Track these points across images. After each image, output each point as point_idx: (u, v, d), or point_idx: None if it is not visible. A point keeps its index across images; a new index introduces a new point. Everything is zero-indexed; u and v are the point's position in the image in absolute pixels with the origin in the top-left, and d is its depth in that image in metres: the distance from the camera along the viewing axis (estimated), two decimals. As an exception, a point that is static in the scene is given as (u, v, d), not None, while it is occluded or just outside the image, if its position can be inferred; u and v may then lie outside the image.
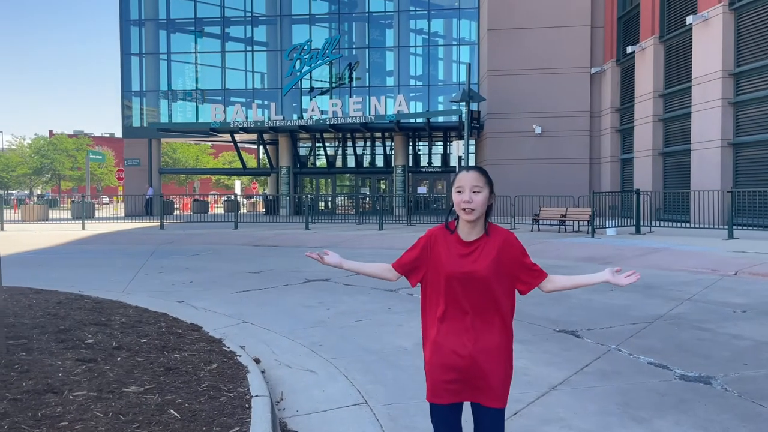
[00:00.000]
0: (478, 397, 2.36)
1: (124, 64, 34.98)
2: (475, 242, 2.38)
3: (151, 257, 13.09)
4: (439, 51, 34.05)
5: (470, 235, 2.40)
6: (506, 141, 29.19)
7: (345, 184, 37.38)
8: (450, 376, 2.35)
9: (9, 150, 75.01)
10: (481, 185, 2.35)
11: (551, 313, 6.95)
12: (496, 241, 2.40)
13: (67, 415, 3.27)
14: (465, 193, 2.32)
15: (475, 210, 2.32)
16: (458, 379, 2.35)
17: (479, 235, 2.39)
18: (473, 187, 2.33)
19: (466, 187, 2.33)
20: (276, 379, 4.66)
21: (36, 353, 4.27)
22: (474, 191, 2.33)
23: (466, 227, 2.39)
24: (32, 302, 6.37)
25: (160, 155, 37.03)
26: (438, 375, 2.36)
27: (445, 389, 2.35)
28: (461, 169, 2.43)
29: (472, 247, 2.37)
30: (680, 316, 6.82)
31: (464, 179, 2.36)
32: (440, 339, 2.38)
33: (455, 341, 2.35)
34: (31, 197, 53.34)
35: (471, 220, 2.35)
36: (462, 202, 2.32)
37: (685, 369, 4.80)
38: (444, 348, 2.36)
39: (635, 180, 24.71)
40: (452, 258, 2.36)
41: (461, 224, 2.41)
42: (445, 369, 2.35)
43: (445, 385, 2.35)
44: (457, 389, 2.36)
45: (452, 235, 2.41)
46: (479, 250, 2.36)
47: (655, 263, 11.41)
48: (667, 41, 23.30)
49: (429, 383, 2.41)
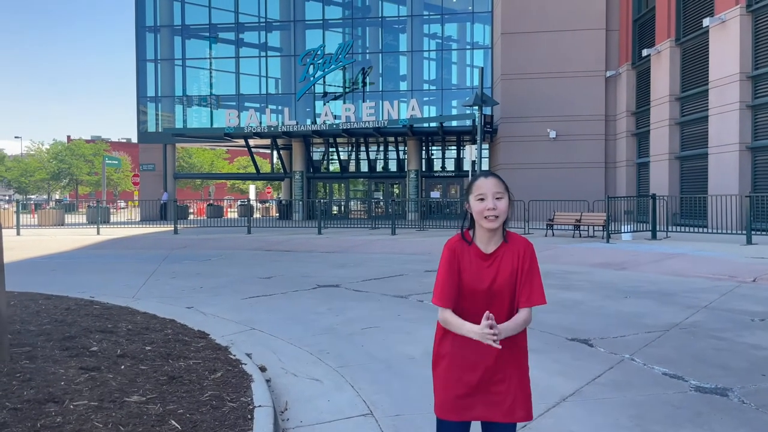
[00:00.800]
0: (492, 413, 2.27)
1: (139, 70, 35.30)
2: (495, 253, 2.31)
3: (163, 262, 13.13)
4: (453, 55, 33.96)
5: (489, 244, 2.32)
6: (520, 145, 29.00)
7: (358, 189, 37.36)
8: (463, 390, 2.27)
9: (28, 155, 76.00)
10: (502, 191, 2.28)
11: (564, 321, 6.82)
12: (515, 249, 2.32)
13: (66, 426, 3.22)
14: (488, 200, 2.25)
15: (499, 217, 2.25)
16: (472, 393, 2.27)
17: (498, 244, 2.32)
18: (495, 193, 2.26)
19: (488, 194, 2.25)
20: (281, 387, 4.60)
21: (39, 361, 4.25)
22: (497, 198, 2.26)
23: (485, 236, 2.31)
24: (41, 308, 6.37)
25: (174, 160, 37.30)
26: (451, 389, 2.29)
27: (457, 404, 2.28)
28: (478, 175, 2.34)
29: (492, 258, 2.30)
30: (696, 324, 6.66)
31: (485, 186, 2.27)
32: (457, 351, 2.30)
33: (475, 353, 2.27)
34: (49, 202, 53.93)
35: (494, 228, 2.27)
36: (486, 210, 2.24)
37: (700, 380, 4.67)
38: (463, 359, 2.29)
39: (651, 184, 24.40)
40: (474, 273, 2.29)
41: (480, 234, 2.32)
42: (461, 384, 2.28)
43: (458, 400, 2.27)
44: (470, 405, 2.28)
45: (471, 247, 2.32)
46: (499, 261, 2.30)
47: (671, 269, 11.21)
48: (683, 44, 23.02)
49: (440, 398, 2.32)
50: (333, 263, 12.71)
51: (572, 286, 9.51)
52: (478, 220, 2.28)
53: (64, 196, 77.00)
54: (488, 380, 2.27)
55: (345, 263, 12.67)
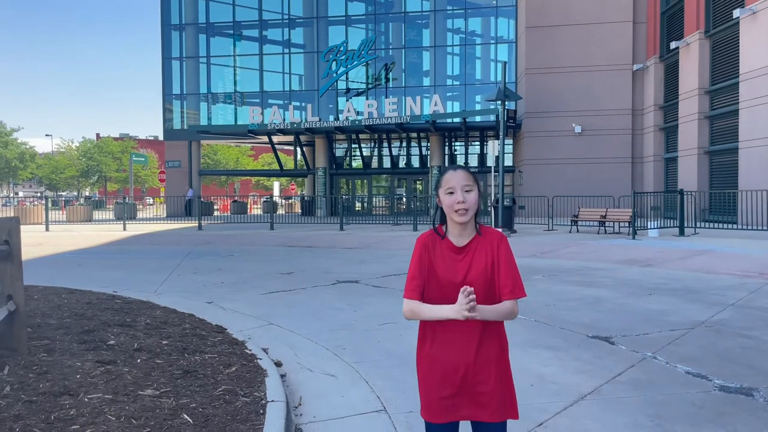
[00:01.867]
0: (478, 413, 2.22)
1: (165, 68, 35.76)
2: (468, 246, 2.26)
3: (186, 258, 13.26)
4: (477, 50, 33.70)
5: (461, 238, 2.28)
6: (544, 140, 28.68)
7: (381, 185, 37.36)
8: (447, 391, 2.22)
9: (58, 153, 77.66)
10: (472, 183, 2.24)
11: (585, 318, 6.70)
12: (489, 242, 2.27)
13: (79, 419, 3.25)
14: (457, 194, 2.20)
15: (469, 210, 2.21)
16: (456, 394, 2.22)
17: (470, 237, 2.27)
18: (464, 186, 2.22)
19: (457, 187, 2.21)
20: (296, 383, 4.59)
21: (57, 354, 4.30)
22: (466, 190, 2.21)
23: (457, 230, 2.27)
24: (63, 302, 6.47)
25: (200, 157, 37.72)
26: (434, 391, 2.24)
27: (441, 406, 2.23)
28: (447, 168, 2.30)
29: (465, 252, 2.26)
30: (723, 322, 6.48)
31: (454, 179, 2.23)
32: (436, 352, 2.25)
33: (452, 354, 2.22)
34: (79, 199, 55.04)
35: (465, 222, 2.23)
36: (456, 203, 2.20)
37: (725, 379, 4.53)
38: (440, 361, 2.24)
39: (679, 180, 23.93)
40: (447, 266, 2.24)
41: (452, 227, 2.28)
42: (442, 384, 2.22)
43: (442, 401, 2.22)
44: (455, 405, 2.23)
45: (443, 241, 2.28)
46: (471, 254, 2.25)
47: (698, 266, 10.96)
48: (713, 36, 22.49)
49: (424, 399, 2.28)
50: (353, 259, 12.71)
51: (595, 282, 9.35)
52: (448, 213, 2.25)
53: (93, 192, 78.47)
54: (471, 380, 2.21)
55: (365, 259, 12.65)
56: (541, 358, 5.13)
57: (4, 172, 65.53)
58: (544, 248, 14.50)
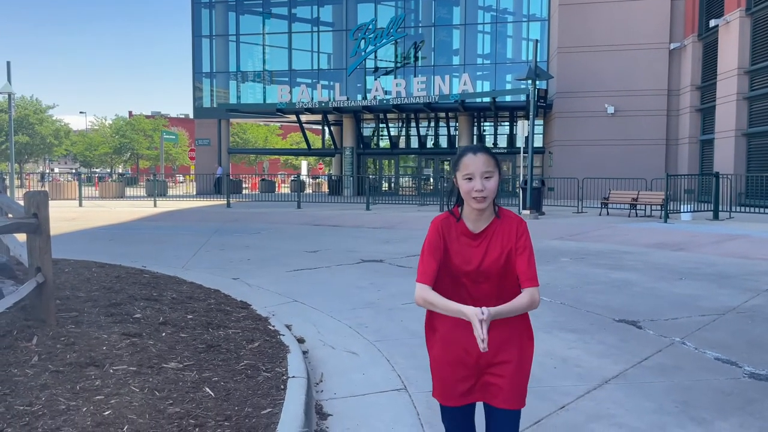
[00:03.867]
0: (490, 398, 2.17)
1: (195, 47, 35.94)
2: (485, 232, 2.16)
3: (214, 234, 13.42)
4: (508, 28, 33.04)
5: (478, 223, 2.17)
6: (576, 121, 28.14)
7: (408, 165, 37.21)
8: (460, 374, 2.17)
9: (92, 130, 79.01)
10: (492, 169, 2.08)
11: (613, 302, 6.59)
12: (507, 227, 2.15)
13: (104, 389, 3.31)
14: (476, 181, 2.05)
15: (487, 198, 2.08)
16: (468, 376, 2.17)
17: (488, 221, 2.16)
18: (484, 173, 2.06)
19: (476, 173, 2.06)
20: (318, 360, 4.61)
21: (84, 326, 4.38)
22: (486, 177, 2.07)
23: (474, 215, 2.15)
24: (92, 276, 6.60)
25: (228, 135, 37.99)
26: (447, 374, 2.19)
27: (455, 390, 2.18)
28: (465, 150, 2.14)
29: (481, 237, 2.15)
30: (755, 308, 6.31)
31: (473, 164, 2.07)
32: (449, 334, 2.19)
33: (466, 337, 2.14)
34: (112, 175, 56.05)
35: (483, 209, 2.11)
36: (473, 191, 2.06)
37: (756, 366, 4.41)
38: (453, 344, 2.18)
39: (715, 162, 23.28)
40: (461, 252, 2.14)
41: (468, 212, 2.17)
42: (455, 367, 2.17)
43: (455, 384, 2.18)
44: (468, 389, 2.18)
45: (458, 225, 2.17)
46: (488, 240, 2.14)
47: (732, 251, 10.68)
48: (754, 14, 21.66)
49: (436, 383, 2.24)
50: (379, 239, 12.71)
51: (624, 266, 9.18)
52: (466, 199, 2.12)
53: (126, 170, 79.83)
54: (486, 363, 2.14)
55: (390, 239, 12.64)
56: (565, 341, 5.06)
57: (40, 149, 66.94)
58: (572, 230, 14.29)
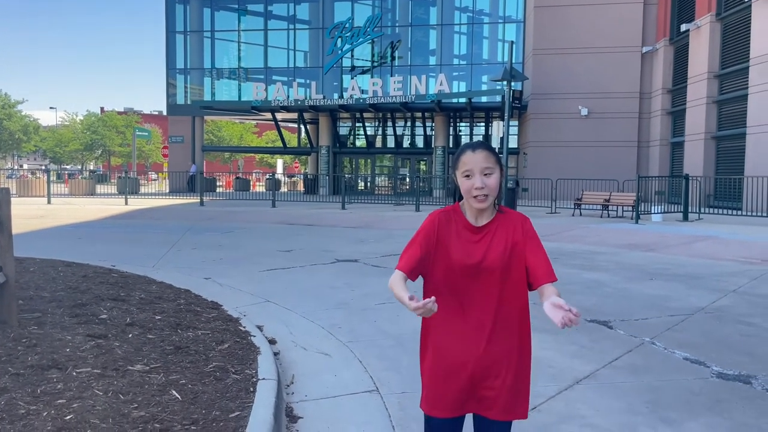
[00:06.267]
0: (485, 410, 2.05)
1: (169, 43, 35.43)
2: (486, 226, 2.06)
3: (186, 233, 13.22)
4: (484, 29, 33.23)
5: (480, 219, 2.08)
6: (550, 122, 28.42)
7: (384, 165, 37.18)
8: (454, 385, 2.03)
9: (62, 126, 77.45)
10: (493, 165, 2.00)
11: (585, 302, 6.63)
12: (510, 224, 2.07)
13: (66, 393, 3.20)
14: (475, 178, 1.98)
15: (489, 196, 2.00)
16: (463, 388, 2.04)
17: (490, 218, 2.07)
18: (484, 169, 1.98)
19: (475, 170, 1.98)
20: (289, 361, 4.54)
21: (48, 327, 4.25)
22: (485, 174, 1.99)
23: (475, 213, 2.08)
24: (59, 275, 6.43)
25: (203, 133, 37.55)
26: (439, 384, 2.05)
27: (447, 400, 2.04)
28: (464, 147, 2.04)
29: (483, 232, 2.05)
30: (723, 309, 6.41)
31: (472, 161, 1.99)
32: (444, 342, 2.07)
33: (461, 344, 2.04)
34: (83, 172, 55.00)
35: (484, 208, 2.04)
36: (473, 189, 1.98)
37: (723, 366, 4.47)
38: (448, 352, 2.05)
39: (685, 164, 23.72)
40: (461, 246, 2.03)
41: (469, 210, 2.09)
42: (449, 377, 2.04)
43: (448, 395, 2.04)
44: (461, 400, 2.05)
45: (459, 219, 2.08)
46: (491, 234, 2.04)
47: (701, 252, 10.86)
48: (724, 19, 22.11)
49: (427, 392, 2.10)
50: (354, 238, 12.65)
51: (597, 266, 9.28)
52: (466, 198, 2.04)
53: (97, 167, 78.44)
54: (481, 374, 2.02)
55: (366, 238, 12.59)
56: (538, 341, 5.03)
57: (8, 144, 65.42)
58: (545, 231, 14.41)
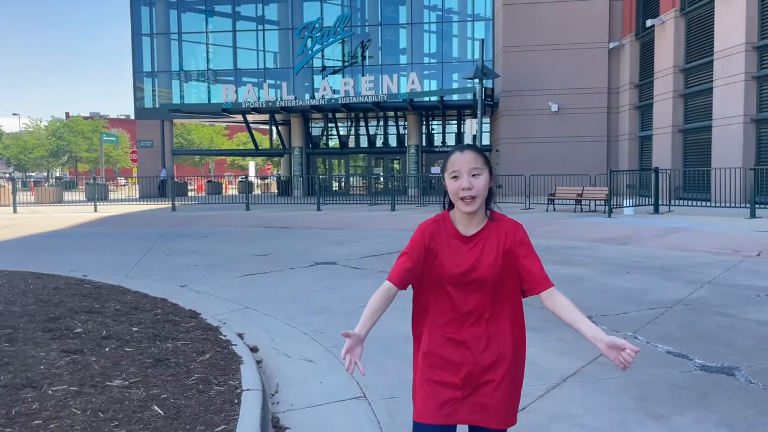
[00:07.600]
0: (479, 419, 2.01)
1: (135, 45, 34.75)
2: (477, 235, 2.02)
3: (159, 240, 12.97)
4: (454, 27, 33.31)
5: (470, 226, 2.04)
6: (521, 119, 28.63)
7: (358, 165, 37.06)
8: (446, 394, 2.00)
9: (26, 132, 75.56)
10: (480, 166, 1.97)
11: (565, 298, 6.66)
12: (502, 231, 2.04)
13: (42, 413, 3.08)
14: (463, 179, 1.95)
15: (476, 198, 1.96)
16: (456, 397, 2.00)
17: (480, 225, 2.04)
18: (471, 170, 1.96)
19: (462, 170, 1.95)
20: (273, 369, 4.45)
21: (20, 344, 4.09)
22: (473, 174, 1.96)
23: (465, 218, 2.03)
24: (29, 288, 6.22)
25: (172, 137, 36.95)
26: (431, 392, 2.02)
27: (439, 409, 2.00)
28: (453, 150, 2.02)
29: (474, 241, 2.02)
30: (700, 300, 6.50)
31: (459, 162, 1.97)
32: (436, 349, 2.04)
33: (454, 352, 2.02)
34: (49, 179, 53.72)
35: (472, 211, 1.99)
36: (461, 190, 1.95)
37: (706, 359, 4.51)
38: (441, 360, 2.03)
39: (654, 158, 24.12)
40: (451, 256, 2.01)
41: (459, 216, 2.04)
42: (441, 385, 2.01)
43: (440, 404, 2.00)
44: (453, 409, 2.01)
45: (449, 229, 2.04)
46: (482, 244, 2.01)
47: (674, 244, 11.04)
48: (688, 14, 22.53)
49: (418, 400, 2.06)
50: (331, 240, 12.56)
51: (573, 261, 9.35)
52: (454, 201, 2.01)
53: (64, 173, 76.69)
54: (474, 382, 2.01)
55: (343, 240, 12.51)
56: (522, 340, 5.06)
57: (-30, 153, 63.62)
58: (521, 227, 14.49)
